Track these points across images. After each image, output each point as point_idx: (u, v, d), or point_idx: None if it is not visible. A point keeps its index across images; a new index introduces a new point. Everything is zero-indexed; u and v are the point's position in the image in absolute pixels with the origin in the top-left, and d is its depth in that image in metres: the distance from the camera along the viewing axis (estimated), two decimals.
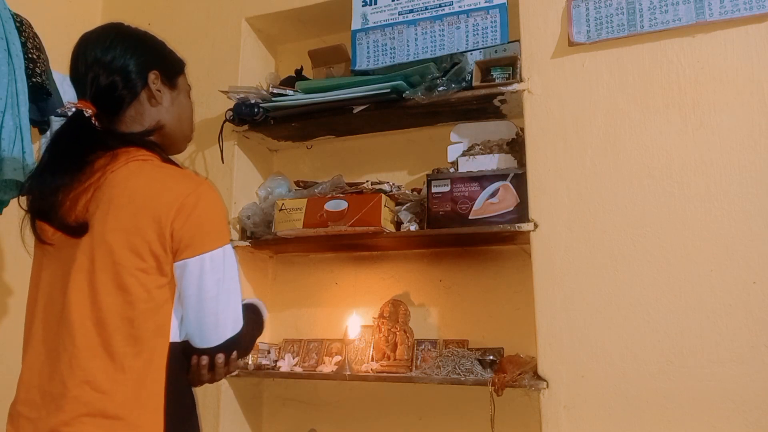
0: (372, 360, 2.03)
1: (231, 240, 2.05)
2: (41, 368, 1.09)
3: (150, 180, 1.11)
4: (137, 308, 1.06)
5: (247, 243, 2.13)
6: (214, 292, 1.09)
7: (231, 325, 1.14)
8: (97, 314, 1.05)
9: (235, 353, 1.18)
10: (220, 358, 1.15)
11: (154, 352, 1.07)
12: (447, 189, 1.91)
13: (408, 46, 2.03)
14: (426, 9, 2.03)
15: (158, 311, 1.08)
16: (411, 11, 2.05)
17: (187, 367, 1.16)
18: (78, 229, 1.08)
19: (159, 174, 1.14)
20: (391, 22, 2.07)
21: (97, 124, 1.17)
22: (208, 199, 1.12)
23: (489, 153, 1.96)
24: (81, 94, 1.19)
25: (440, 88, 1.89)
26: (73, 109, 1.17)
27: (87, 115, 1.15)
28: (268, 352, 2.13)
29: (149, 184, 1.10)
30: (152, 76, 1.22)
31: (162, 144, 1.24)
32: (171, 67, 1.28)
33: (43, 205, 1.12)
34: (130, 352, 1.05)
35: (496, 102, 1.95)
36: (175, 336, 1.11)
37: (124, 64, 1.19)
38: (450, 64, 1.96)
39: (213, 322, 1.11)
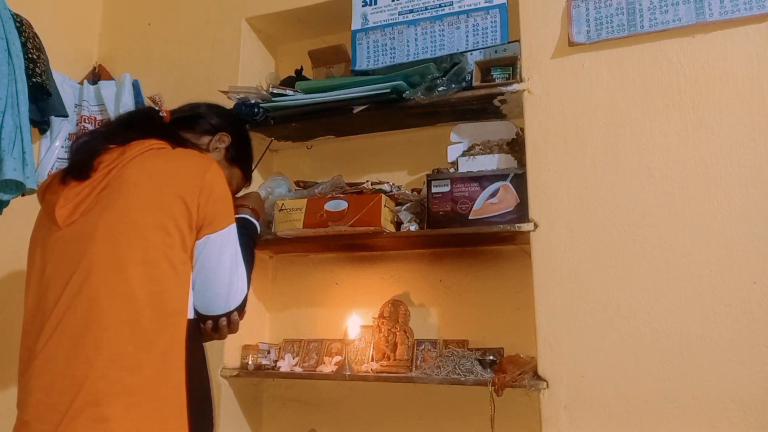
0: (372, 360, 2.03)
1: None
2: (54, 353, 1.07)
3: (167, 161, 1.22)
4: (164, 283, 1.10)
5: None
6: (228, 264, 1.20)
7: (242, 290, 1.26)
8: (126, 291, 1.07)
9: (245, 309, 1.28)
10: (235, 315, 1.26)
11: (176, 328, 1.11)
12: (447, 189, 1.91)
13: (408, 46, 2.03)
14: (426, 9, 2.03)
15: (180, 287, 1.13)
16: (411, 11, 2.05)
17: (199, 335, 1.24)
18: (84, 173, 1.18)
19: (174, 156, 1.25)
20: (391, 22, 2.07)
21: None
22: (222, 177, 1.23)
23: (489, 153, 1.96)
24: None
25: (440, 88, 1.89)
26: (156, 108, 1.45)
27: (161, 114, 1.39)
28: (268, 352, 2.13)
29: (166, 166, 1.20)
30: (222, 135, 1.44)
31: None
32: (241, 155, 1.49)
33: (81, 156, 1.22)
34: (157, 328, 1.08)
35: (496, 102, 1.95)
36: (191, 312, 1.16)
37: (210, 119, 1.45)
38: (450, 64, 1.96)
39: (226, 292, 1.22)
